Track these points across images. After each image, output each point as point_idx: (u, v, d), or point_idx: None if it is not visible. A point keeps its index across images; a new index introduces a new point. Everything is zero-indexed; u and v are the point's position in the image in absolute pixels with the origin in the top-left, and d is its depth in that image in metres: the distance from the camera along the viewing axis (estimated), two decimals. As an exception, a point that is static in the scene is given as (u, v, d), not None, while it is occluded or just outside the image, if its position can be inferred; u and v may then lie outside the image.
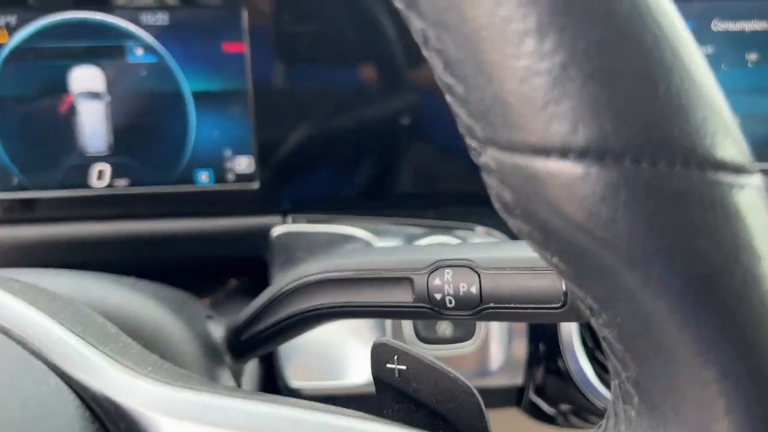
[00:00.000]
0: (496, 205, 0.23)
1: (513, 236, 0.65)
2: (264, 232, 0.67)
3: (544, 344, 0.61)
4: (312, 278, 0.41)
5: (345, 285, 0.40)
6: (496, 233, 0.63)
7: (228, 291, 0.74)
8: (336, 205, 0.69)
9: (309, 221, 0.67)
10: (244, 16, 0.63)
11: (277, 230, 0.67)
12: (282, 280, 0.43)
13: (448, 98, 0.23)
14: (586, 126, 0.20)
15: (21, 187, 0.66)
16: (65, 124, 0.64)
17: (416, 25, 0.22)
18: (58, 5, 0.61)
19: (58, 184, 0.66)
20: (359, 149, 0.68)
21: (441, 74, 0.22)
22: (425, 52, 0.22)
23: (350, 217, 0.67)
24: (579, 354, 0.58)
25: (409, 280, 0.38)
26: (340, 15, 0.64)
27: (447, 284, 0.37)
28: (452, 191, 0.69)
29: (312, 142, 0.67)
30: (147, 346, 0.38)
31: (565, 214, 0.21)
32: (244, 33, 0.63)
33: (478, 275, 0.36)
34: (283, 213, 0.69)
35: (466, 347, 0.59)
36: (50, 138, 0.65)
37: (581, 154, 0.20)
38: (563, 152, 0.20)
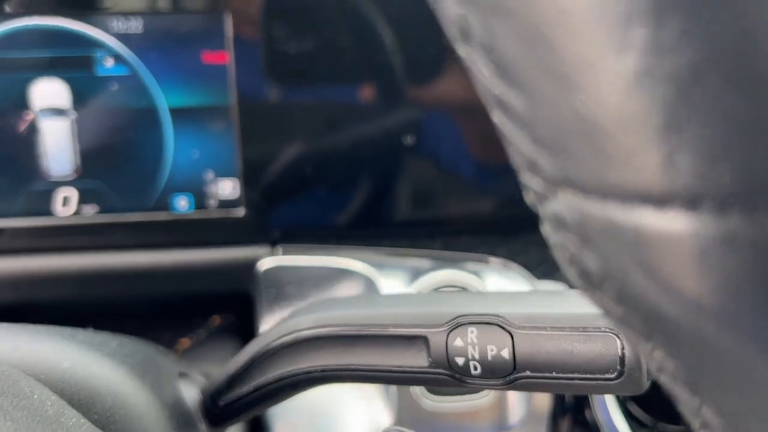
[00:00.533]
0: (570, 272, 0.16)
1: (534, 269, 0.58)
2: (250, 265, 0.60)
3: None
4: (305, 333, 0.33)
5: (345, 343, 0.32)
6: (514, 266, 0.56)
7: (210, 329, 0.66)
8: (330, 233, 0.62)
9: (300, 252, 0.60)
10: (228, 22, 0.56)
11: (265, 263, 0.59)
12: (269, 334, 0.35)
13: (498, 117, 0.15)
14: (733, 162, 0.12)
15: (-25, 216, 0.58)
16: (25, 144, 0.57)
17: (452, 10, 0.15)
18: (17, 11, 0.54)
19: (18, 212, 0.58)
20: (355, 171, 0.61)
21: (489, 82, 0.15)
22: (464, 51, 0.15)
23: (347, 247, 0.60)
24: (610, 404, 0.51)
25: (423, 339, 0.31)
26: (335, 22, 0.57)
27: (471, 346, 0.30)
28: (459, 217, 0.62)
29: (303, 163, 0.60)
30: (102, 421, 0.31)
31: (692, 295, 0.13)
32: (228, 41, 0.56)
33: (511, 335, 0.29)
34: (272, 242, 0.61)
35: (482, 399, 0.52)
36: (8, 160, 0.57)
37: (724, 204, 0.12)
38: (693, 202, 0.13)
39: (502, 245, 0.60)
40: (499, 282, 0.56)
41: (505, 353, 0.29)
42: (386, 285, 0.55)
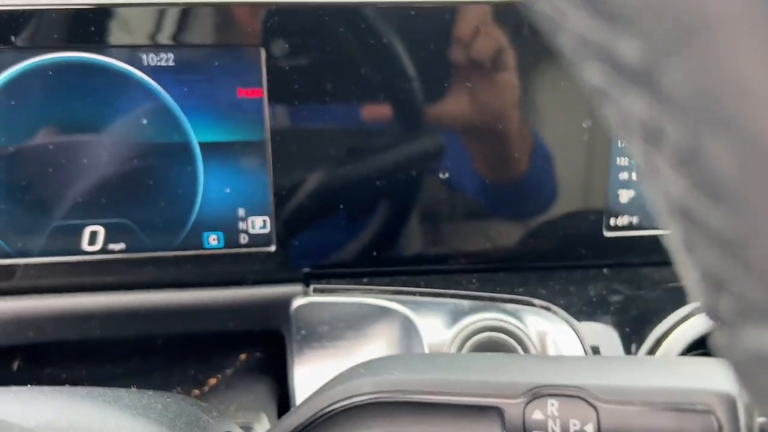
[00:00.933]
0: None
1: (575, 309, 0.55)
2: (282, 304, 0.58)
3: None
4: (366, 398, 0.31)
5: (409, 410, 0.30)
6: (559, 311, 0.54)
7: (237, 367, 0.64)
8: (361, 269, 0.60)
9: (333, 290, 0.58)
10: (263, 57, 0.54)
11: (298, 302, 0.57)
12: (324, 396, 0.33)
13: (682, 230, 0.13)
14: None
15: (0, 253, 0.56)
16: (52, 179, 0.55)
17: (639, 109, 0.13)
18: (47, 45, 0.52)
19: (44, 250, 0.56)
20: (388, 206, 0.59)
21: (680, 192, 0.13)
22: (641, 150, 0.13)
23: (380, 286, 0.58)
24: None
25: (497, 411, 0.29)
26: (368, 57, 0.55)
27: (552, 419, 0.28)
28: (495, 253, 0.60)
29: (335, 198, 0.58)
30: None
31: None
32: (262, 77, 0.54)
33: (596, 410, 0.27)
34: (304, 280, 0.59)
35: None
36: (35, 195, 0.55)
37: None
38: None
39: (539, 283, 0.58)
40: (541, 325, 0.54)
41: (590, 429, 0.27)
42: (425, 326, 0.53)
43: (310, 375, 0.56)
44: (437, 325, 0.53)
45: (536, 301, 0.54)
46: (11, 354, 0.65)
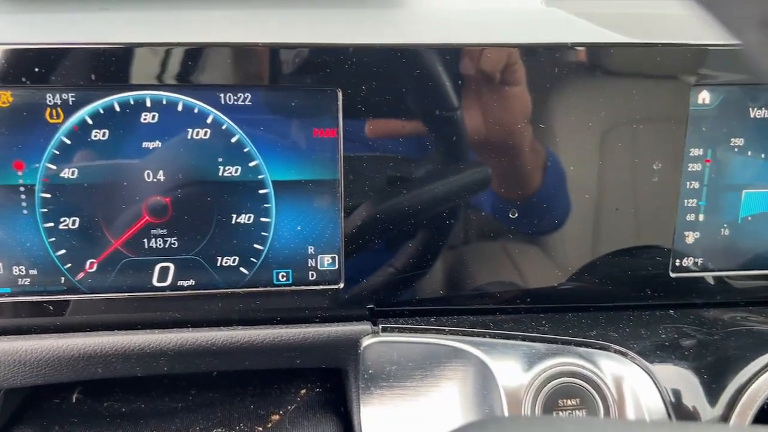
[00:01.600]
0: None
1: (649, 353, 0.55)
2: (351, 342, 0.57)
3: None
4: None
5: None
6: (635, 356, 0.53)
7: (300, 404, 0.63)
8: (428, 306, 0.59)
9: (402, 330, 0.57)
10: (340, 98, 0.54)
11: (367, 341, 0.57)
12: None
13: None
14: None
15: (70, 289, 0.55)
16: (125, 215, 0.54)
17: None
18: (127, 83, 0.52)
19: (113, 285, 0.56)
20: (456, 246, 0.58)
21: None
22: None
23: (451, 326, 0.57)
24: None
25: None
26: (441, 98, 0.55)
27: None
28: (562, 294, 0.59)
29: (403, 237, 0.57)
30: None
31: None
32: (339, 117, 0.54)
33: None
34: (370, 317, 0.58)
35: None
36: (107, 230, 0.55)
37: None
38: None
39: (610, 327, 0.57)
40: (616, 369, 0.53)
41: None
42: (501, 370, 0.52)
43: (378, 414, 0.56)
44: (513, 369, 0.52)
45: (613, 345, 0.53)
46: (71, 385, 0.65)
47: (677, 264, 0.60)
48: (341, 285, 0.58)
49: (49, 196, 0.53)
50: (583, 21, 0.69)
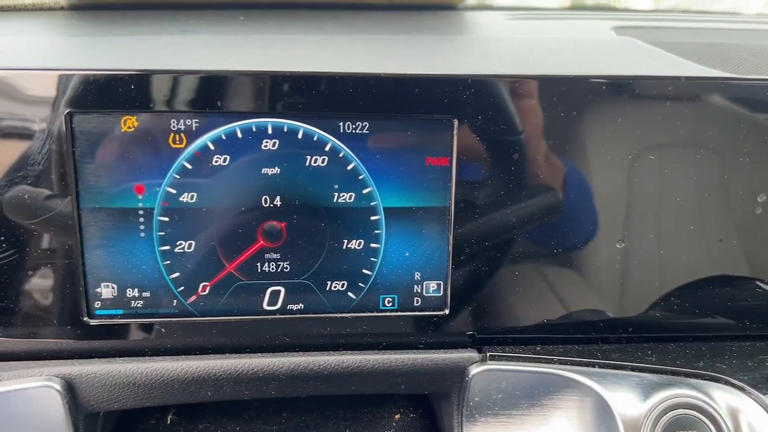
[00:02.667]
0: None
1: (762, 390, 0.54)
2: (459, 369, 0.57)
3: None
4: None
5: None
6: (751, 390, 0.52)
7: (396, 428, 0.63)
8: (532, 335, 0.58)
9: (510, 359, 0.56)
10: (455, 127, 0.54)
11: (476, 368, 0.56)
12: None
13: None
14: None
15: (182, 312, 0.55)
16: (239, 239, 0.54)
17: None
18: (250, 110, 0.52)
19: (225, 309, 0.55)
20: (562, 275, 0.58)
21: None
22: None
23: (558, 356, 0.56)
24: None
25: None
26: (555, 129, 0.55)
27: None
28: (666, 324, 0.59)
29: (509, 265, 0.57)
30: None
31: None
32: (453, 146, 0.54)
33: None
34: (473, 344, 0.58)
35: None
36: (220, 255, 0.54)
37: None
38: None
39: (714, 356, 0.57)
40: (730, 401, 0.52)
41: None
42: (616, 400, 0.52)
43: (482, 442, 0.55)
44: (629, 399, 0.52)
45: (723, 377, 0.53)
46: (165, 406, 0.64)
47: (776, 294, 0.60)
48: (446, 311, 0.57)
49: (167, 219, 0.53)
50: (662, 51, 0.70)
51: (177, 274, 0.54)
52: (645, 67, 0.59)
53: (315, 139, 0.53)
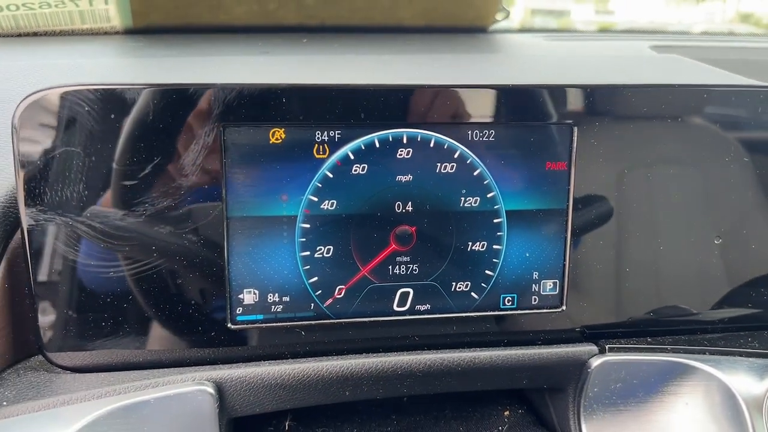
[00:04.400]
0: None
1: None
2: (579, 362, 0.59)
3: None
4: None
5: None
6: None
7: (509, 424, 0.64)
8: (641, 327, 0.61)
9: (628, 350, 0.59)
10: (575, 134, 0.57)
11: (597, 360, 0.58)
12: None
13: None
14: None
15: (319, 314, 0.56)
16: (373, 243, 0.56)
17: None
18: (385, 122, 0.54)
19: (358, 310, 0.57)
20: (667, 273, 0.61)
21: None
22: None
23: (672, 346, 0.59)
24: None
25: None
26: (668, 136, 0.58)
27: None
28: (756, 315, 0.62)
29: (620, 262, 0.60)
30: None
31: None
32: (573, 151, 0.57)
33: None
34: (588, 339, 0.60)
35: None
36: (356, 259, 0.56)
37: None
38: None
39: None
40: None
41: None
42: (735, 382, 0.54)
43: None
44: (747, 381, 0.55)
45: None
46: (280, 413, 0.64)
47: None
48: (563, 308, 0.60)
49: (308, 226, 0.55)
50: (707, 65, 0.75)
51: (315, 279, 0.56)
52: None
53: (445, 147, 0.56)
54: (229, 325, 0.55)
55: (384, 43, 0.82)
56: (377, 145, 0.55)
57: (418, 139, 0.55)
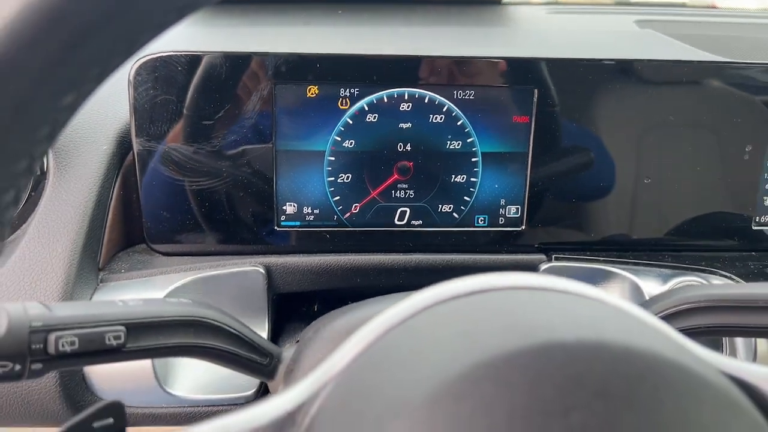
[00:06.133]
0: None
1: (748, 279, 0.74)
2: (532, 267, 0.77)
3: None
4: (699, 303, 0.50)
5: (734, 310, 0.49)
6: (737, 279, 0.72)
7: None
8: (587, 247, 0.78)
9: (570, 260, 0.76)
10: (535, 95, 0.73)
11: (544, 266, 0.76)
12: (669, 301, 0.52)
13: None
14: None
15: (340, 224, 0.75)
16: (381, 173, 0.74)
17: None
18: (391, 83, 0.72)
19: (369, 222, 0.76)
20: (607, 204, 0.78)
21: None
22: None
23: (604, 257, 0.77)
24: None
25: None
26: (610, 103, 0.74)
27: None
28: (673, 241, 0.79)
29: (570, 195, 0.77)
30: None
31: None
32: (533, 108, 0.74)
33: None
34: (543, 252, 0.78)
35: None
36: (367, 184, 0.74)
37: None
38: None
39: (710, 262, 0.77)
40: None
41: None
42: (646, 285, 0.72)
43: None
44: (654, 283, 0.72)
45: (719, 271, 0.73)
46: (312, 298, 0.85)
47: (758, 220, 0.79)
48: (523, 228, 0.77)
49: (333, 159, 0.73)
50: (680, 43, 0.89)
51: (338, 198, 0.75)
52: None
53: (436, 102, 0.73)
54: (275, 227, 0.75)
55: (402, 15, 0.99)
56: (386, 100, 0.73)
57: (416, 96, 0.73)
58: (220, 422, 0.29)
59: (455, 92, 0.73)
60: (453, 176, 0.76)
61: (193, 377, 0.67)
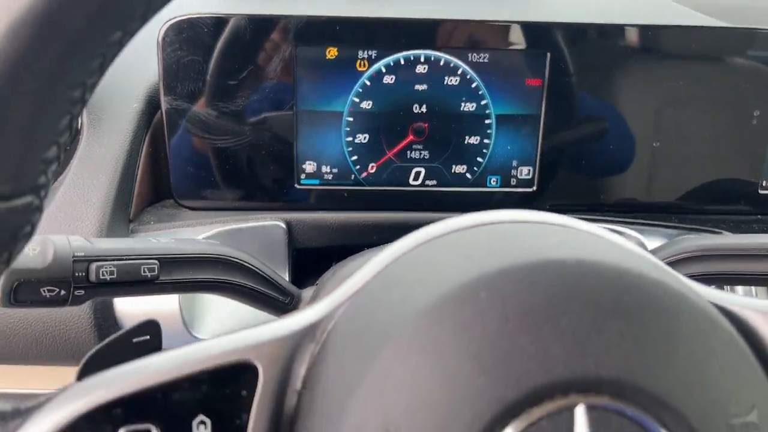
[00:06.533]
0: None
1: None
2: (541, 227, 0.79)
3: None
4: (696, 252, 0.52)
5: (727, 258, 0.51)
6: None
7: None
8: (597, 207, 0.81)
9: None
10: (548, 58, 0.75)
11: (554, 225, 0.78)
12: (667, 249, 0.54)
13: None
14: None
15: (357, 183, 0.78)
16: (397, 134, 0.77)
17: None
18: (408, 45, 0.74)
19: (385, 181, 0.78)
20: (614, 167, 0.79)
21: None
22: None
23: (612, 217, 0.79)
24: None
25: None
26: (621, 66, 0.76)
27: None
28: (685, 203, 0.81)
29: (582, 157, 0.79)
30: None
31: None
32: (546, 72, 0.76)
33: None
34: (556, 211, 0.80)
35: None
36: (384, 145, 0.77)
37: None
38: None
39: (716, 225, 0.78)
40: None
41: None
42: (650, 243, 0.74)
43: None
44: (659, 242, 0.74)
45: (719, 231, 0.75)
46: (330, 256, 0.88)
47: (764, 185, 0.81)
48: (534, 188, 0.80)
49: (351, 119, 0.76)
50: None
51: (355, 157, 0.77)
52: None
53: (451, 65, 0.75)
54: (296, 185, 0.78)
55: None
56: (402, 62, 0.75)
57: (432, 59, 0.75)
58: (247, 332, 0.32)
59: (470, 55, 0.75)
60: (467, 137, 0.78)
61: (218, 320, 0.71)
